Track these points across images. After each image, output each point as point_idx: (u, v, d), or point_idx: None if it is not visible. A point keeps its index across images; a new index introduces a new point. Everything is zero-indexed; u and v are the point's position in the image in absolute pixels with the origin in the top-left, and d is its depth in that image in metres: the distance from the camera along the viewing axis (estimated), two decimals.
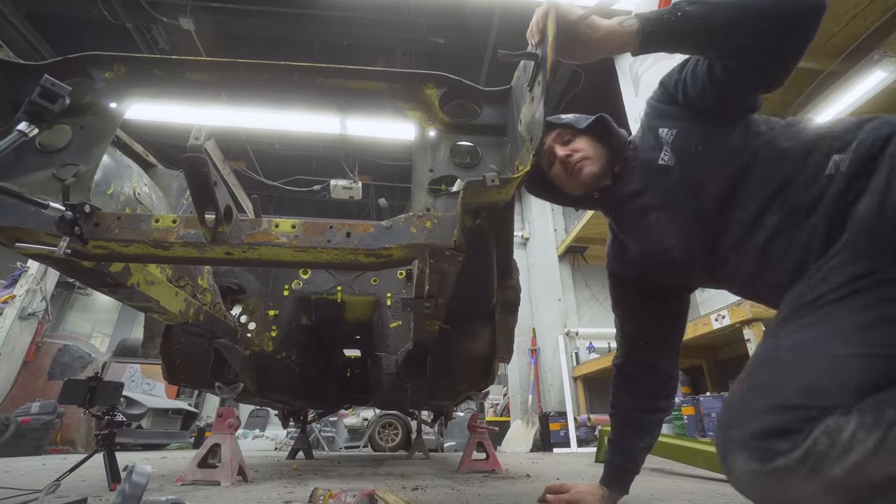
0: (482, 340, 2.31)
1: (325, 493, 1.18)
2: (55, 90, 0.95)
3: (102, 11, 4.54)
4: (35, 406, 4.71)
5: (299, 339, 2.43)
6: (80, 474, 1.93)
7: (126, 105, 1.21)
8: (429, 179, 1.19)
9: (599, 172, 1.20)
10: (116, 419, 1.84)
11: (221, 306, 2.09)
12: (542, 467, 2.89)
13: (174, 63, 1.25)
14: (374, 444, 6.07)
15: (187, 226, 1.06)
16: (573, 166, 1.20)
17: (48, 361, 5.65)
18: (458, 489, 1.84)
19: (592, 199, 1.26)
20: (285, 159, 7.01)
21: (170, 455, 4.66)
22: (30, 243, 1.03)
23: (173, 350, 2.19)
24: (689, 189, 1.03)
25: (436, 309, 1.54)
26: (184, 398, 7.70)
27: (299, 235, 1.07)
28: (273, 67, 1.25)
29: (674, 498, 1.61)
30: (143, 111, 5.30)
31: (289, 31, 4.98)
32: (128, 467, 1.15)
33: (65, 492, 1.60)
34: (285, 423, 4.50)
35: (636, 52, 1.00)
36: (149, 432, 6.13)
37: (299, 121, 5.93)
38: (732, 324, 2.95)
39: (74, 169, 1.09)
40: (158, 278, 1.49)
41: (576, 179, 1.21)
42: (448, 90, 1.27)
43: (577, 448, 5.03)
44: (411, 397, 2.54)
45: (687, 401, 3.74)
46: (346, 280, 2.38)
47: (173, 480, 1.98)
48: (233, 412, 2.10)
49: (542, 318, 6.19)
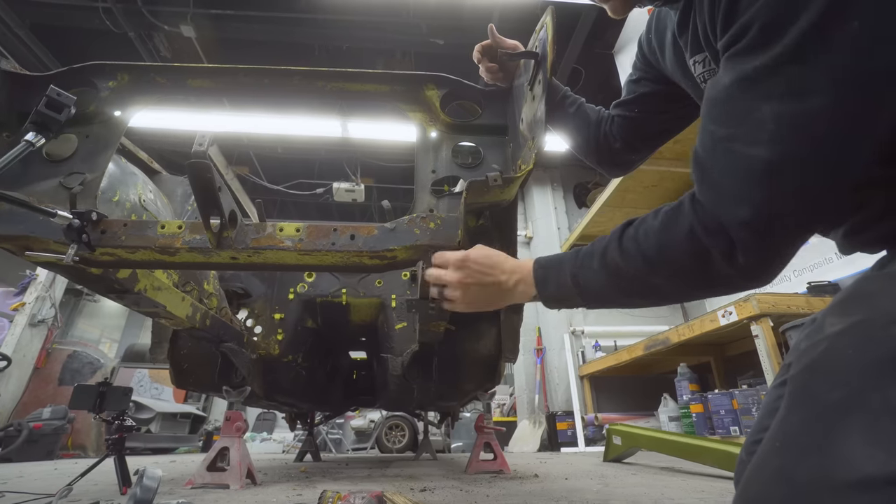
0: (488, 340, 2.31)
1: (334, 495, 1.18)
2: (61, 100, 0.96)
3: (105, 21, 4.58)
4: (46, 411, 4.75)
5: (305, 341, 2.43)
6: (91, 478, 1.94)
7: (130, 113, 1.23)
8: (431, 180, 1.19)
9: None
10: (126, 424, 1.85)
11: (227, 310, 2.10)
12: (550, 467, 2.88)
13: (176, 70, 1.26)
14: (381, 446, 6.08)
15: (192, 231, 1.07)
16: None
17: (58, 367, 5.70)
18: (467, 490, 1.84)
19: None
20: (288, 163, 7.04)
21: (179, 459, 4.68)
22: (39, 251, 1.05)
23: (181, 355, 2.21)
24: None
25: (441, 310, 1.55)
26: (192, 402, 7.74)
27: (304, 239, 1.08)
28: (274, 72, 1.26)
29: (685, 497, 1.60)
30: (146, 119, 5.34)
31: (288, 36, 5.00)
32: (139, 471, 1.16)
33: (77, 496, 1.62)
34: (292, 425, 4.51)
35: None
36: (158, 436, 6.17)
37: (301, 125, 5.95)
38: (739, 320, 2.93)
39: (81, 177, 1.10)
40: (165, 284, 1.51)
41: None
42: (449, 91, 1.27)
43: (584, 447, 5.01)
44: (418, 398, 2.54)
45: (695, 398, 3.72)
46: (350, 282, 2.39)
47: (183, 484, 1.99)
48: (240, 416, 2.11)
49: (548, 318, 6.18)
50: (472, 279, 0.87)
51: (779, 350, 2.73)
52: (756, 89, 0.58)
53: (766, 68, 0.57)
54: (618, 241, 0.73)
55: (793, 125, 0.56)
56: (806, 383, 0.56)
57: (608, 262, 0.73)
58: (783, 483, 0.51)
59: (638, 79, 1.11)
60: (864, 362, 0.51)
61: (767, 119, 0.57)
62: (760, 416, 0.84)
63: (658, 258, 0.67)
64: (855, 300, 0.60)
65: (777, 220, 0.58)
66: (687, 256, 0.65)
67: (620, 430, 2.99)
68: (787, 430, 0.55)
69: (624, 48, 4.56)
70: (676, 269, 0.67)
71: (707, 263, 0.63)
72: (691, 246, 0.64)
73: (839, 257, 3.93)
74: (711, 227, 0.61)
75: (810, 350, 0.58)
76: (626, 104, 1.13)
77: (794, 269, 4.52)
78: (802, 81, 0.55)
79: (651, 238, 0.68)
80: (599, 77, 5.51)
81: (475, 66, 1.21)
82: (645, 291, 0.73)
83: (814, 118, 0.55)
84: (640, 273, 0.70)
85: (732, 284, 0.65)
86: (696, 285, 0.68)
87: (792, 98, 0.56)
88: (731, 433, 3.19)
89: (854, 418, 0.48)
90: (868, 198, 0.66)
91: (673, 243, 0.66)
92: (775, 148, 0.56)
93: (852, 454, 0.46)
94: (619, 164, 1.21)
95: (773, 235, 0.58)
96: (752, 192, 0.58)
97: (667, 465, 2.71)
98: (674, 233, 0.66)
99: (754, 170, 0.58)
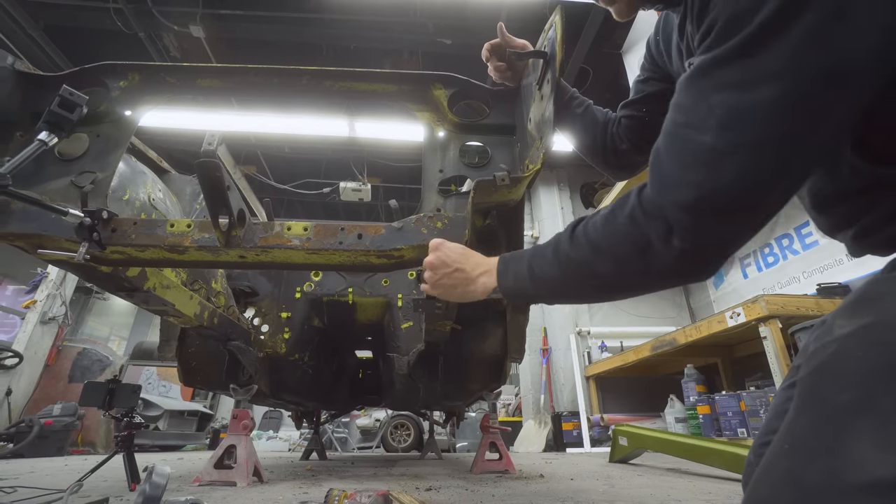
0: (494, 340, 2.30)
1: (340, 493, 1.19)
2: (73, 100, 0.97)
3: (116, 22, 4.63)
4: (57, 408, 4.82)
5: (312, 340, 2.45)
6: (100, 475, 1.97)
7: (140, 112, 1.24)
8: (439, 180, 1.19)
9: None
10: (135, 421, 1.87)
11: (235, 309, 2.12)
12: (556, 467, 2.87)
13: (186, 70, 1.27)
14: (387, 445, 6.09)
15: (201, 230, 1.08)
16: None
17: (68, 365, 5.77)
18: (472, 489, 1.83)
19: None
20: (295, 163, 7.07)
21: (186, 456, 4.73)
22: (51, 249, 1.06)
23: (188, 353, 2.23)
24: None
25: (447, 309, 1.55)
26: (199, 400, 7.79)
27: (311, 238, 1.08)
28: (282, 72, 1.27)
29: (691, 498, 1.58)
30: (156, 118, 5.40)
31: (297, 36, 5.03)
32: (147, 468, 1.17)
33: (87, 492, 1.64)
34: (298, 424, 4.54)
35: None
36: (165, 434, 6.22)
37: (308, 124, 5.98)
38: (748, 321, 2.90)
39: (92, 176, 1.11)
40: (174, 282, 1.52)
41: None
42: (456, 90, 1.27)
43: (590, 448, 4.98)
44: (423, 398, 2.55)
45: (702, 400, 3.69)
46: (357, 282, 2.39)
47: (190, 481, 2.01)
48: (247, 414, 2.13)
49: (553, 318, 6.15)
50: (440, 263, 0.92)
51: (787, 352, 2.70)
52: (710, 79, 0.60)
53: (721, 59, 0.58)
54: (570, 232, 0.75)
55: (739, 114, 0.56)
56: (815, 385, 0.56)
57: (559, 253, 0.75)
58: (792, 485, 0.51)
59: (646, 79, 1.12)
60: (874, 365, 0.51)
61: (716, 106, 0.58)
62: (769, 418, 0.84)
63: (603, 245, 0.68)
64: (865, 302, 0.59)
65: (715, 206, 0.58)
66: (627, 241, 0.65)
67: (626, 430, 2.98)
68: (796, 432, 0.55)
69: (632, 48, 4.54)
70: (618, 255, 0.67)
71: (645, 249, 0.63)
72: (632, 230, 0.64)
73: (849, 259, 3.88)
74: (651, 212, 0.62)
75: (820, 352, 0.58)
76: (634, 104, 1.14)
77: (803, 271, 4.47)
78: (752, 72, 0.55)
79: (598, 227, 0.70)
80: (607, 77, 5.48)
81: (483, 65, 1.21)
82: (592, 282, 0.74)
83: (761, 108, 0.55)
84: (587, 262, 0.71)
85: (671, 272, 0.65)
86: (636, 272, 0.68)
87: (741, 88, 0.56)
88: (738, 435, 3.16)
89: (864, 421, 0.48)
90: (878, 199, 0.65)
91: (615, 230, 0.67)
92: (721, 134, 0.57)
93: (863, 457, 0.46)
94: (625, 166, 1.21)
95: (710, 220, 0.58)
96: (693, 176, 0.58)
97: (673, 466, 2.69)
98: (617, 219, 0.67)
99: (698, 154, 0.58)
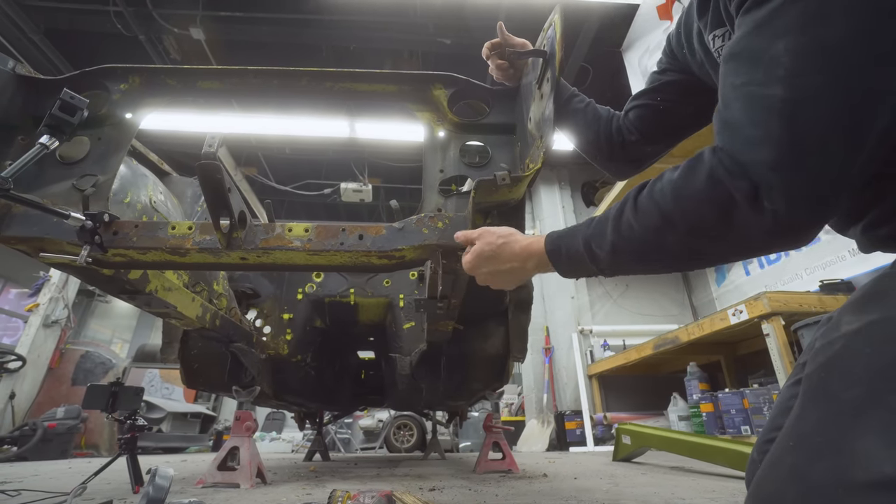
0: (496, 340, 2.30)
1: (344, 494, 1.19)
2: (74, 103, 0.97)
3: (116, 25, 4.64)
4: (60, 411, 4.83)
5: (314, 341, 2.45)
6: (104, 477, 1.97)
7: (141, 115, 1.24)
8: (439, 180, 1.19)
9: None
10: (138, 423, 1.87)
11: (237, 311, 2.12)
12: (559, 466, 2.87)
13: (186, 72, 1.27)
14: (390, 446, 6.09)
15: (203, 232, 1.08)
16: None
17: (71, 367, 5.79)
18: (476, 489, 1.83)
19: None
20: (295, 164, 7.08)
21: (189, 458, 4.73)
22: (53, 253, 1.06)
23: (191, 355, 2.23)
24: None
25: (449, 309, 1.55)
26: (202, 402, 7.81)
27: (312, 239, 1.08)
28: (282, 73, 1.27)
29: (695, 497, 1.58)
30: (156, 121, 5.40)
31: (296, 37, 5.03)
32: (151, 470, 1.17)
33: (91, 494, 1.64)
34: (301, 425, 4.53)
35: None
36: (168, 436, 6.24)
37: (308, 125, 5.98)
38: (750, 319, 2.89)
39: (93, 179, 1.11)
40: (175, 284, 1.52)
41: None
42: (456, 90, 1.27)
43: (593, 447, 4.98)
44: (426, 398, 2.55)
45: (705, 398, 3.68)
46: (358, 282, 2.39)
47: (194, 483, 2.01)
48: (250, 415, 2.13)
49: (556, 317, 6.15)
50: (487, 242, 0.87)
51: (790, 349, 2.69)
52: (770, 28, 0.57)
53: (776, 7, 0.56)
54: (633, 199, 0.68)
55: (808, 56, 0.53)
56: (821, 382, 0.55)
57: (622, 224, 0.68)
58: (797, 482, 0.51)
59: (663, 70, 1.10)
60: (881, 362, 0.50)
61: (781, 54, 0.55)
62: (773, 415, 0.83)
63: (676, 209, 0.61)
64: (872, 299, 0.58)
65: (801, 161, 0.53)
66: (708, 204, 0.59)
67: (630, 429, 2.97)
68: (801, 428, 0.54)
69: (632, 46, 4.53)
70: (696, 221, 0.61)
71: (730, 211, 0.57)
72: (713, 191, 0.58)
73: (852, 255, 3.86)
74: (734, 170, 0.56)
75: (826, 348, 0.57)
76: (650, 92, 1.11)
77: (805, 267, 4.46)
78: (817, 8, 0.53)
79: (668, 190, 0.63)
80: (607, 75, 5.47)
81: (483, 65, 1.21)
82: (661, 253, 0.66)
83: (831, 47, 0.52)
84: (656, 231, 0.64)
85: (760, 238, 0.58)
86: (719, 239, 0.61)
87: (806, 28, 0.53)
88: (741, 433, 3.15)
89: (871, 418, 0.47)
90: (886, 189, 0.64)
91: (692, 191, 0.60)
92: (793, 82, 0.54)
93: (869, 454, 0.45)
94: (633, 159, 1.18)
95: (800, 177, 0.53)
96: (772, 131, 0.54)
97: (677, 464, 2.69)
98: (692, 180, 0.60)
99: (773, 109, 0.55)
